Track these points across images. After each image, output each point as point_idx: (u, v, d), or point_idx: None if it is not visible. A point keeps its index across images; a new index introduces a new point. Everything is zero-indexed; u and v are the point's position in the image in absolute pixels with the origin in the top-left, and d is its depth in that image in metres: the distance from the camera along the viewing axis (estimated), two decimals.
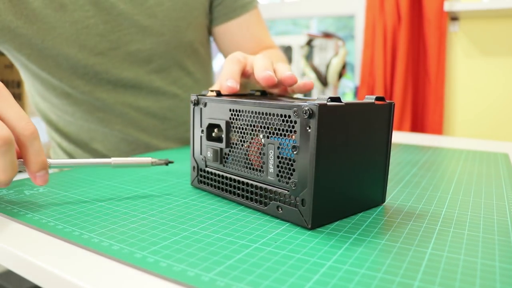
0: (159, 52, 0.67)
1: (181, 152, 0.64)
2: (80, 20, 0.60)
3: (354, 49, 2.04)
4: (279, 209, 0.34)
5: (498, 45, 1.66)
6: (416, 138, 0.85)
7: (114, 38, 0.63)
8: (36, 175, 0.35)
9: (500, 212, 0.37)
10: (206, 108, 0.41)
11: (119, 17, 0.62)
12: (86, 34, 0.60)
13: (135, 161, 0.41)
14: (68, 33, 0.59)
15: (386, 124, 0.36)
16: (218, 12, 0.74)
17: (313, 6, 2.09)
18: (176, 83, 0.71)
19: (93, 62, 0.62)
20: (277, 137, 0.34)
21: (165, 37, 0.67)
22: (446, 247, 0.29)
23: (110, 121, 0.68)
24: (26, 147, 0.34)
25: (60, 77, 0.62)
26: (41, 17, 0.58)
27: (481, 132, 1.74)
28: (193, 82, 0.74)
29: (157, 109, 0.70)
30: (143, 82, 0.67)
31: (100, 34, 0.61)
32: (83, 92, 0.64)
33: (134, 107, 0.68)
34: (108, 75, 0.64)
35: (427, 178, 0.49)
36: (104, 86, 0.65)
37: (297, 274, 0.25)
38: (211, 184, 0.41)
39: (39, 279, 0.27)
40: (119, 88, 0.66)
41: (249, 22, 0.76)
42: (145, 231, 0.31)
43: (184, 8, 0.68)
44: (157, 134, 0.72)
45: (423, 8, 1.70)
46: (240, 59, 0.43)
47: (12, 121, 0.33)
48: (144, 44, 0.65)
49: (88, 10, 0.60)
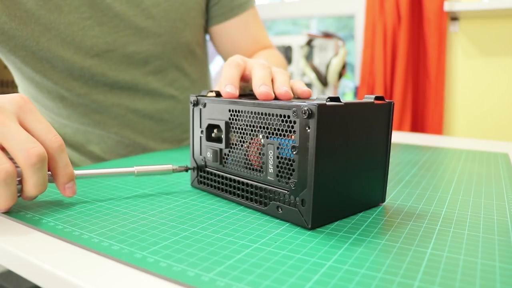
0: (156, 54, 0.67)
1: (180, 153, 0.64)
2: (75, 21, 0.59)
3: (354, 49, 2.04)
4: (279, 209, 0.34)
5: (498, 45, 1.66)
6: (416, 138, 0.85)
7: (110, 40, 0.62)
8: (65, 186, 0.36)
9: (500, 212, 0.37)
10: (205, 108, 0.41)
11: (115, 18, 0.62)
12: (82, 36, 0.60)
13: (157, 169, 0.42)
14: (64, 34, 0.59)
15: (385, 124, 0.36)
16: (214, 11, 0.74)
17: (313, 6, 2.09)
18: (173, 85, 0.71)
19: (89, 64, 0.62)
20: (276, 137, 0.34)
21: (162, 38, 0.66)
22: (446, 247, 0.29)
23: (107, 124, 0.67)
24: (55, 160, 0.35)
25: (55, 79, 0.62)
26: (35, 18, 0.57)
27: (481, 132, 1.74)
28: (190, 83, 0.74)
29: (154, 111, 0.70)
30: (139, 83, 0.67)
31: (96, 36, 0.61)
32: (79, 94, 0.64)
33: (131, 109, 0.68)
34: (105, 77, 0.64)
35: (427, 178, 0.49)
36: (101, 88, 0.64)
37: (297, 274, 0.25)
38: (211, 184, 0.41)
39: (39, 279, 0.27)
40: (116, 90, 0.66)
41: (247, 22, 0.75)
42: (145, 231, 0.31)
43: (181, 9, 0.68)
44: (153, 136, 0.71)
45: (423, 8, 1.70)
46: (240, 63, 0.43)
47: (41, 135, 0.34)
48: (141, 45, 0.65)
49: (84, 12, 0.59)
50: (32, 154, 0.32)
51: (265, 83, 0.38)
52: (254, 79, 0.40)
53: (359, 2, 1.97)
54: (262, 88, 0.38)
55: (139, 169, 0.41)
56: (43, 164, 0.33)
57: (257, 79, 0.39)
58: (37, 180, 0.33)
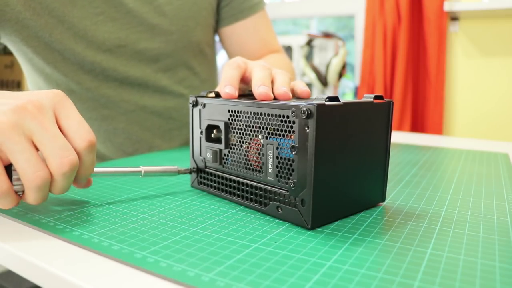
0: (166, 51, 0.68)
1: (181, 153, 0.64)
2: (88, 16, 0.60)
3: (354, 49, 2.04)
4: (279, 210, 0.34)
5: (498, 45, 1.66)
6: (416, 138, 0.85)
7: (122, 35, 0.63)
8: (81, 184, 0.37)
9: (500, 212, 0.37)
10: (205, 109, 0.41)
11: (128, 14, 0.63)
12: (95, 30, 0.61)
13: (163, 169, 0.42)
14: (76, 28, 0.60)
15: (385, 123, 0.36)
16: (225, 13, 0.74)
17: (313, 6, 2.09)
18: (182, 83, 0.72)
19: (101, 58, 0.63)
20: (276, 137, 0.34)
21: (173, 36, 0.67)
22: (446, 247, 0.29)
23: (115, 119, 0.68)
24: (81, 159, 0.33)
25: (66, 72, 0.63)
26: (48, 10, 0.58)
27: (481, 132, 1.74)
28: (199, 82, 0.74)
29: (163, 108, 0.70)
30: (149, 80, 0.68)
31: (108, 31, 0.62)
32: (89, 88, 0.64)
33: (140, 106, 0.68)
34: (115, 72, 0.64)
35: (427, 178, 0.49)
36: (111, 82, 0.65)
37: (297, 274, 0.25)
38: (211, 185, 0.41)
39: (39, 279, 0.27)
40: (125, 85, 0.66)
41: (256, 24, 0.75)
42: (145, 231, 0.31)
43: (193, 8, 0.69)
44: (161, 134, 0.72)
45: (423, 8, 1.70)
46: (240, 64, 0.43)
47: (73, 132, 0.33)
48: (152, 42, 0.66)
49: (97, 7, 0.60)
50: (65, 163, 0.31)
51: (264, 84, 0.38)
52: (253, 79, 0.40)
53: (359, 2, 1.97)
54: (261, 88, 0.38)
55: (146, 169, 0.40)
56: (74, 173, 0.32)
57: (257, 80, 0.39)
58: (64, 186, 0.32)
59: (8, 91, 0.34)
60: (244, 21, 0.74)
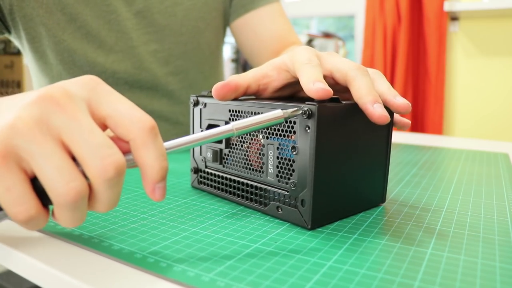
0: (177, 53, 0.67)
1: (182, 153, 0.64)
2: (101, 15, 0.60)
3: (354, 49, 2.04)
4: (279, 210, 0.34)
5: (498, 45, 1.66)
6: (416, 138, 0.85)
7: (134, 36, 0.63)
8: (155, 186, 0.25)
9: (500, 212, 0.37)
10: (205, 108, 0.41)
11: (138, 15, 0.63)
12: (108, 30, 0.61)
13: (263, 119, 0.30)
14: (90, 27, 0.60)
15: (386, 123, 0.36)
16: (236, 5, 0.73)
17: (313, 6, 2.09)
18: (193, 87, 0.71)
19: (112, 59, 0.63)
20: (276, 137, 0.34)
21: (183, 37, 0.67)
22: (446, 247, 0.29)
23: None
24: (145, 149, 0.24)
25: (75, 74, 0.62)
26: (61, 7, 0.58)
27: (481, 132, 1.74)
28: (209, 87, 0.74)
29: (171, 113, 0.70)
30: (160, 84, 0.67)
31: (120, 31, 0.62)
32: None
33: (148, 110, 0.68)
34: (126, 74, 0.64)
35: (427, 178, 0.49)
36: (121, 86, 0.65)
37: (297, 274, 0.25)
38: (211, 185, 0.41)
39: (39, 279, 0.27)
40: (135, 89, 0.66)
41: (271, 15, 0.73)
42: (145, 231, 0.31)
43: (203, 8, 0.68)
44: (168, 139, 0.71)
45: (423, 8, 1.70)
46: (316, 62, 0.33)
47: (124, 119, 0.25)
48: (162, 44, 0.66)
49: (109, 5, 0.61)
50: (108, 166, 0.23)
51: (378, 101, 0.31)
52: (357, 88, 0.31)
53: (359, 2, 1.97)
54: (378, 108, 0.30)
55: (238, 125, 0.29)
56: (121, 178, 0.24)
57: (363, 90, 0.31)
58: (111, 197, 0.24)
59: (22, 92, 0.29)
60: (257, 11, 0.73)
